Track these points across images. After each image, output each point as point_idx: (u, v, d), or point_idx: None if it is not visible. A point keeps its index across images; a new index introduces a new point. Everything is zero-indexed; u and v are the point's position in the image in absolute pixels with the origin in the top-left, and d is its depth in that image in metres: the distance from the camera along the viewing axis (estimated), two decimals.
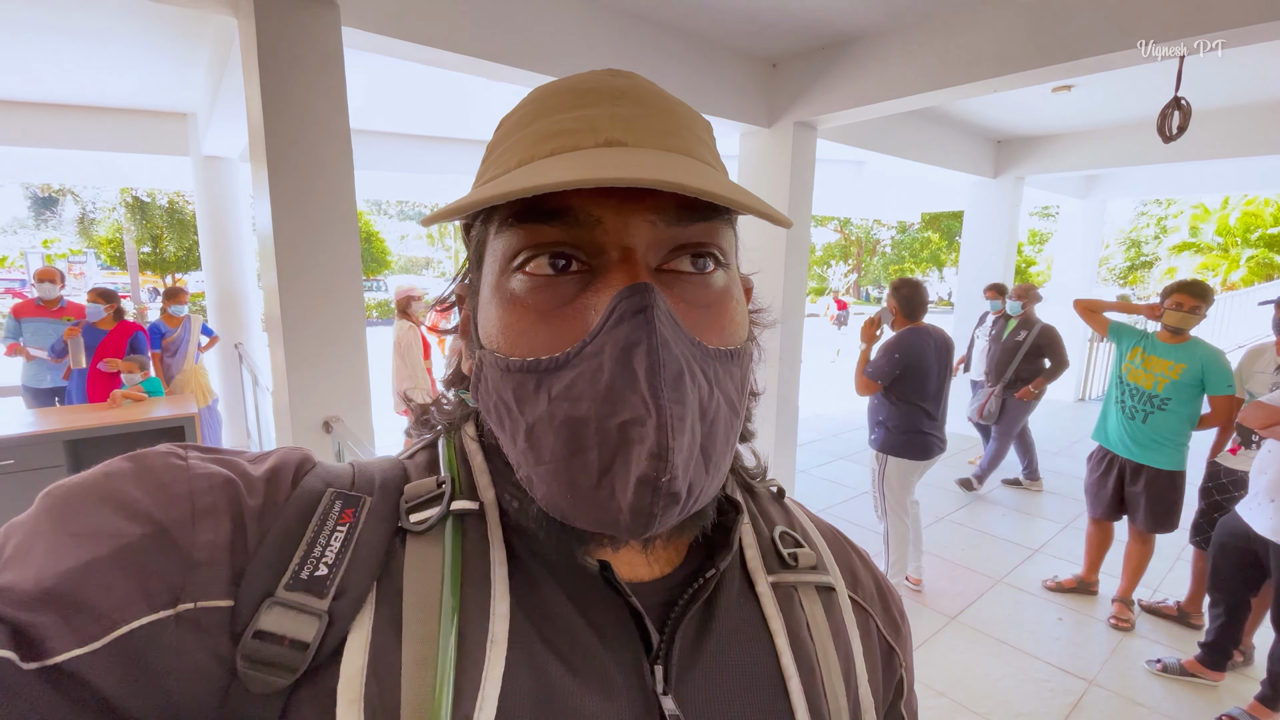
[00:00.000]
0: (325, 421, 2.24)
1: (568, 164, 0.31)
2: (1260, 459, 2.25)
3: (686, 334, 0.33)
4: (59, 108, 4.51)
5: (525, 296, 0.35)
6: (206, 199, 4.98)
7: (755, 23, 3.04)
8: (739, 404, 0.37)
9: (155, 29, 3.21)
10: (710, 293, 0.36)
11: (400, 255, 30.81)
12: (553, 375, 0.33)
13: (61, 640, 0.28)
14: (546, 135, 0.35)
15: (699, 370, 0.33)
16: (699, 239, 0.35)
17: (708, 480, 0.34)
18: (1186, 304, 2.66)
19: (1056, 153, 5.72)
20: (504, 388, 0.35)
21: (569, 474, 0.33)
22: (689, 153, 0.36)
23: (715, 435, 0.34)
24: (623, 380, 0.31)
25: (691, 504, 0.33)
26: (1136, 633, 2.86)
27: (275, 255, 2.09)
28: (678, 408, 0.31)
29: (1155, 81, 3.95)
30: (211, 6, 2.09)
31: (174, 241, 16.40)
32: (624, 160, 0.31)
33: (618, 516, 0.31)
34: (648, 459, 0.30)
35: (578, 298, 0.34)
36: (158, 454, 0.34)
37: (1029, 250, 25.87)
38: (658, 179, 0.28)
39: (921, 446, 2.93)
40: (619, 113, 0.35)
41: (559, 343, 0.33)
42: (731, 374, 0.36)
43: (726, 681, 0.38)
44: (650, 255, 0.34)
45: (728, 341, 0.36)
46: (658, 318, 0.31)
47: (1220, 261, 16.29)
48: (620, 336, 0.31)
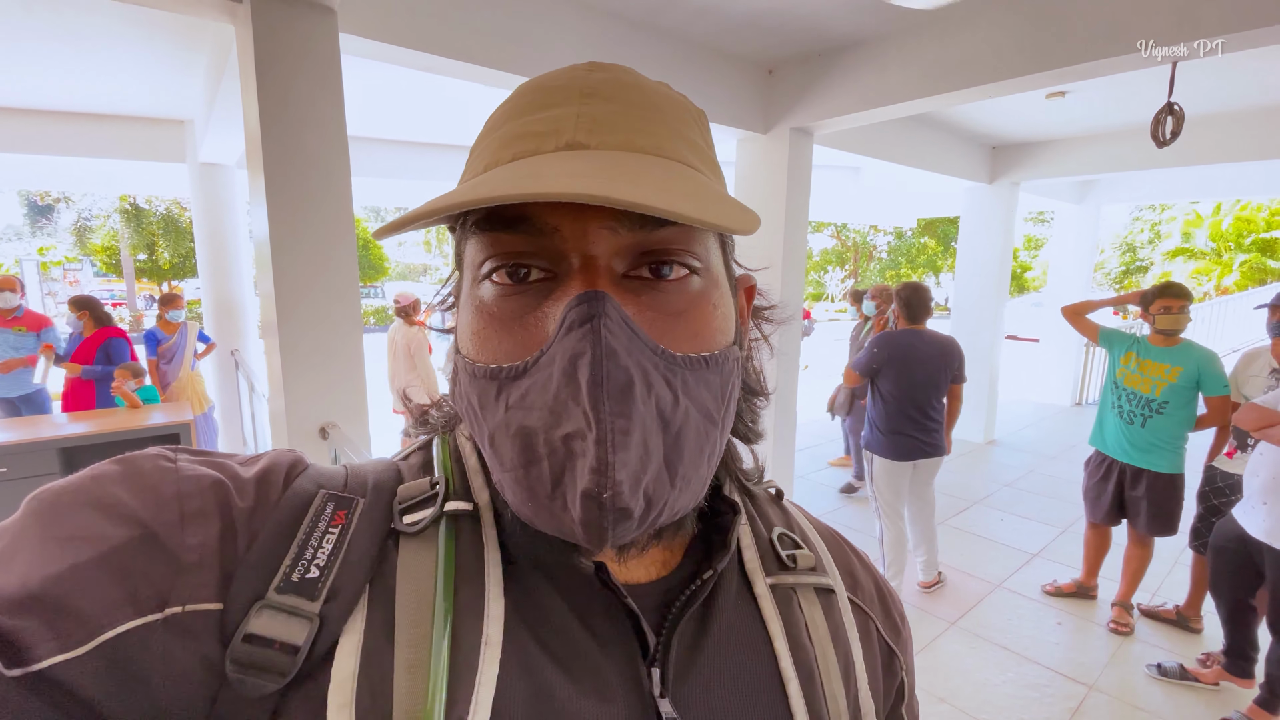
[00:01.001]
0: (322, 428, 2.23)
1: (516, 173, 0.31)
2: (1253, 462, 2.26)
3: (648, 342, 0.32)
4: (56, 114, 4.51)
5: (492, 304, 0.35)
6: (203, 206, 4.97)
7: (751, 29, 3.05)
8: (716, 412, 0.36)
9: (153, 36, 3.22)
10: (681, 298, 0.35)
11: (397, 262, 30.85)
12: (511, 384, 0.33)
13: (45, 646, 0.27)
14: (512, 138, 0.35)
15: (661, 380, 0.32)
16: (665, 244, 0.34)
17: (674, 493, 0.33)
18: (1175, 305, 2.70)
19: (1051, 158, 5.76)
20: (472, 393, 0.35)
21: (527, 483, 0.32)
22: (658, 151, 0.35)
23: (682, 446, 0.33)
24: (566, 392, 0.30)
25: (655, 516, 0.33)
26: (1136, 637, 2.85)
27: (272, 261, 2.08)
28: (621, 421, 0.30)
29: (1148, 87, 3.98)
30: (209, 14, 2.09)
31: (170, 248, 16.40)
32: (572, 168, 0.30)
33: (573, 528, 0.31)
34: (589, 474, 0.30)
35: (539, 306, 0.33)
36: (146, 456, 0.34)
37: (1024, 256, 26.01)
38: (586, 193, 0.26)
39: (903, 448, 2.96)
40: (586, 112, 0.34)
41: (520, 351, 0.33)
42: (706, 381, 0.35)
43: (724, 684, 0.38)
44: (616, 262, 0.33)
45: (702, 348, 0.35)
46: (605, 327, 0.30)
47: (1214, 266, 16.40)
48: (568, 347, 0.31)
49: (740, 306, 0.43)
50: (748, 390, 0.44)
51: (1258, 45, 2.24)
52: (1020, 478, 5.06)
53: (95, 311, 4.17)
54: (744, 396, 0.44)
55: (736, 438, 0.45)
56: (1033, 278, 25.75)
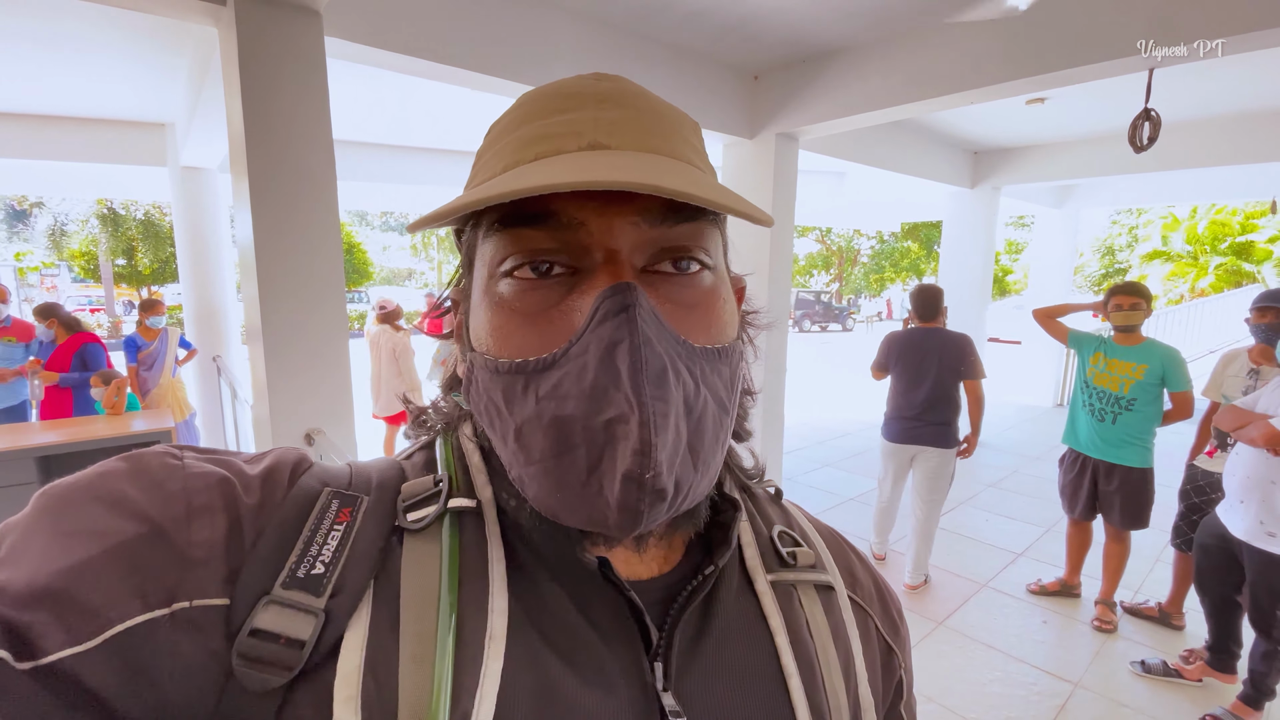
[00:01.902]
0: (307, 434, 2.20)
1: (549, 168, 0.32)
2: (1230, 462, 2.30)
3: (671, 332, 0.33)
4: (34, 118, 4.43)
5: (513, 300, 0.35)
6: (185, 210, 4.91)
7: (737, 36, 3.08)
8: (728, 402, 0.37)
9: (135, 39, 3.18)
10: (696, 292, 0.36)
11: (382, 266, 30.65)
12: (540, 376, 0.33)
13: (55, 639, 0.27)
14: (531, 140, 0.35)
15: (684, 368, 0.33)
16: (683, 241, 0.35)
17: (696, 477, 0.34)
18: (1126, 303, 2.81)
19: (1032, 163, 5.86)
20: (494, 389, 0.36)
21: (558, 473, 0.33)
22: (673, 154, 0.36)
23: (703, 432, 0.34)
24: (606, 378, 0.31)
25: (681, 500, 0.33)
26: (1120, 634, 2.89)
27: (256, 266, 2.06)
28: (660, 404, 0.31)
29: (1126, 94, 4.06)
30: (193, 16, 2.07)
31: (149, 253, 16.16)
32: (605, 163, 0.32)
33: (606, 514, 0.32)
34: (632, 455, 0.30)
35: (564, 300, 0.34)
36: (153, 454, 0.34)
37: (1006, 259, 26.36)
38: (635, 181, 0.28)
39: (894, 431, 3.30)
40: (603, 116, 0.35)
41: (546, 344, 0.34)
42: (720, 372, 0.36)
43: (726, 678, 0.38)
44: (636, 256, 0.35)
45: (715, 340, 0.36)
46: (640, 316, 0.31)
47: (1190, 269, 16.72)
48: (604, 335, 0.31)
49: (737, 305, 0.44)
50: (741, 390, 0.45)
51: (1238, 51, 2.29)
52: (1004, 478, 5.12)
53: (63, 318, 4.07)
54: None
55: (731, 436, 0.46)
56: (1014, 281, 26.11)
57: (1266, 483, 2.11)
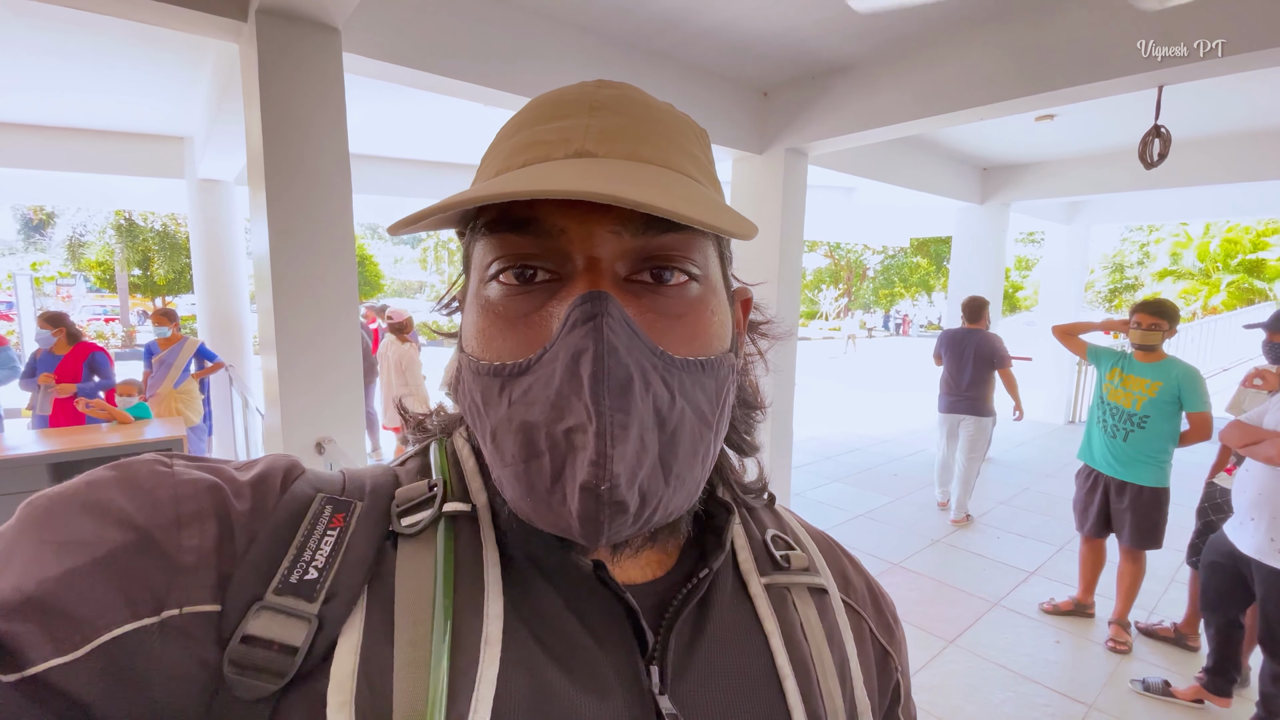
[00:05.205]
0: (318, 442, 2.22)
1: (530, 175, 0.32)
2: (1239, 478, 2.26)
3: (646, 342, 0.33)
4: (56, 130, 4.53)
5: (498, 304, 0.35)
6: (201, 221, 4.99)
7: (747, 53, 3.11)
8: (711, 415, 0.37)
9: (157, 54, 3.25)
10: (680, 303, 0.36)
11: (393, 279, 30.87)
12: (514, 380, 0.34)
13: (41, 650, 0.27)
14: (523, 146, 0.36)
15: (659, 379, 0.33)
16: (666, 251, 0.35)
17: (668, 491, 0.34)
18: (1145, 322, 2.77)
19: (1041, 179, 5.85)
20: (475, 390, 0.36)
21: (527, 478, 0.33)
22: (664, 163, 0.36)
23: (677, 446, 0.34)
24: (569, 387, 0.31)
25: (650, 514, 0.33)
26: (1134, 655, 2.84)
27: (272, 278, 2.09)
28: (620, 415, 0.31)
29: (1135, 111, 4.07)
30: (215, 33, 2.12)
31: (165, 264, 16.35)
32: (578, 172, 0.31)
33: (570, 523, 0.32)
34: (589, 466, 0.30)
35: (544, 306, 0.34)
36: (142, 462, 0.34)
37: (1016, 275, 26.26)
38: (594, 190, 0.28)
39: (943, 404, 4.49)
40: (594, 124, 0.35)
41: (524, 349, 0.34)
42: (702, 385, 0.36)
43: (722, 681, 0.38)
44: (619, 265, 0.35)
45: (699, 352, 0.36)
46: (608, 325, 0.31)
47: (1201, 286, 16.60)
48: (571, 343, 0.31)
49: (737, 318, 0.43)
50: (744, 403, 0.45)
51: (1243, 69, 2.29)
52: (1015, 495, 5.06)
53: (69, 327, 4.11)
54: (740, 409, 0.44)
55: (732, 449, 0.46)
56: (1024, 297, 25.97)
57: (1278, 499, 2.08)
